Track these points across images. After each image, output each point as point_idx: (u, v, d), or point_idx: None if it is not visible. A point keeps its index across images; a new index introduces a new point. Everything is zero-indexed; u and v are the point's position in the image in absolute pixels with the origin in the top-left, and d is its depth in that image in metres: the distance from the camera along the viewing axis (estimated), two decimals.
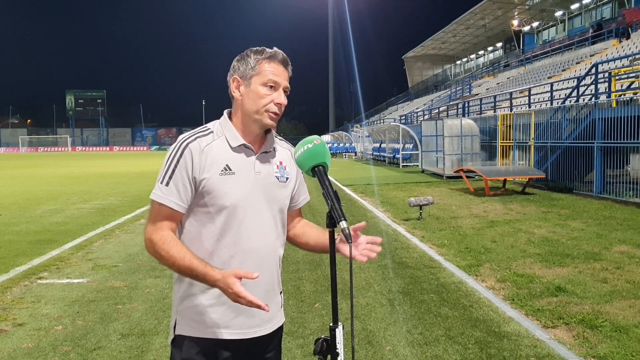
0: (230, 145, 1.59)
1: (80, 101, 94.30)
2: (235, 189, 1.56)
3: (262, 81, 1.57)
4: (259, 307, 1.42)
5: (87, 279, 5.49)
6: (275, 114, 1.59)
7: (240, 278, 1.42)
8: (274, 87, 1.58)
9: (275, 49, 1.62)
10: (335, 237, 1.50)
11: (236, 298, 1.43)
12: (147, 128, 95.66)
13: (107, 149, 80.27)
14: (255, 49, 1.62)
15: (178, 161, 1.55)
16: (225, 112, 1.67)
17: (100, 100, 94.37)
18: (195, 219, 1.59)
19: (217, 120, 1.67)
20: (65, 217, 9.73)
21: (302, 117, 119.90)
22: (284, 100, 1.60)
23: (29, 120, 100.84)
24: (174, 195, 1.55)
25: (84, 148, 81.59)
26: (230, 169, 1.57)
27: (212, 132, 1.62)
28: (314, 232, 1.78)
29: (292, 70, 1.65)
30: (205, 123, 1.71)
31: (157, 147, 79.91)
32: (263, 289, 1.61)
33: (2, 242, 7.38)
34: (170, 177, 1.55)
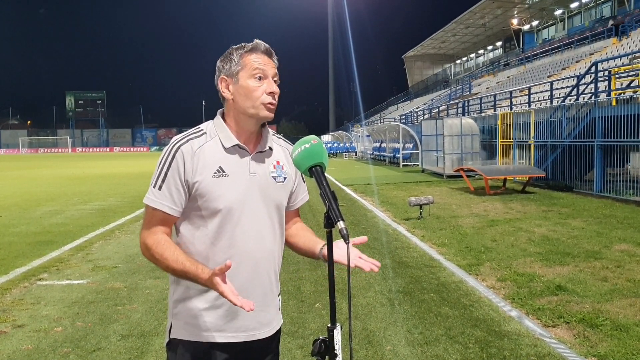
0: (223, 146, 1.56)
1: (80, 102, 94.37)
2: (230, 191, 1.53)
3: (249, 74, 1.54)
4: (241, 307, 1.38)
5: (86, 280, 5.48)
6: (270, 104, 1.56)
7: (219, 275, 1.37)
8: (262, 77, 1.54)
9: (256, 40, 1.58)
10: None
11: (223, 296, 1.40)
12: (147, 129, 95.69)
13: (107, 149, 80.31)
14: (236, 45, 1.59)
15: (170, 164, 1.53)
16: (219, 112, 1.64)
17: (100, 101, 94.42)
18: (190, 222, 1.57)
19: (211, 121, 1.64)
20: (65, 218, 9.72)
21: (302, 117, 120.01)
22: (276, 88, 1.56)
23: (29, 122, 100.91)
24: (167, 199, 1.52)
25: (84, 149, 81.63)
26: (223, 171, 1.54)
27: (205, 133, 1.58)
28: (306, 235, 1.72)
29: (279, 61, 1.60)
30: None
31: (158, 147, 79.89)
32: (260, 292, 1.58)
33: (2, 244, 7.38)
34: (163, 181, 1.53)
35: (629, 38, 24.96)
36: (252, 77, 1.53)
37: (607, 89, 13.59)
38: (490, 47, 54.02)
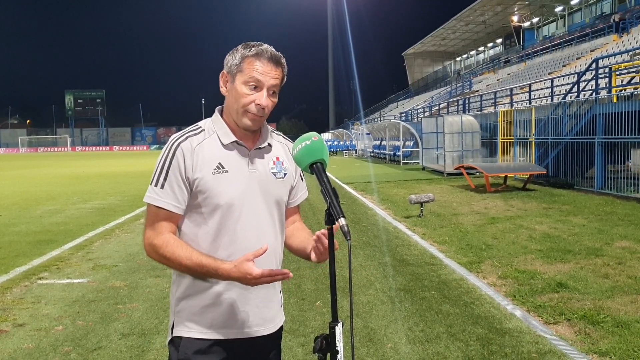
0: (222, 143, 1.56)
1: (79, 101, 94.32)
2: (230, 187, 1.53)
3: (244, 79, 1.51)
4: (283, 275, 1.42)
5: (87, 279, 5.48)
6: (256, 115, 1.53)
7: (252, 260, 1.41)
8: (257, 87, 1.51)
9: (264, 46, 1.54)
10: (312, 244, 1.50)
11: (256, 282, 1.42)
12: (146, 127, 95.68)
13: (107, 148, 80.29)
14: (245, 43, 1.56)
15: (171, 162, 1.52)
16: (217, 109, 1.64)
17: (100, 100, 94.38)
18: (191, 219, 1.57)
19: (209, 118, 1.63)
20: (65, 217, 9.72)
21: (302, 115, 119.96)
22: (265, 101, 1.52)
23: (28, 121, 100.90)
24: (170, 197, 1.52)
25: (83, 148, 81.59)
26: (223, 167, 1.54)
27: (203, 130, 1.58)
28: (301, 236, 1.70)
29: (287, 69, 1.57)
30: None
31: (157, 146, 79.83)
32: (262, 288, 1.57)
33: (2, 243, 7.38)
34: (165, 179, 1.52)
35: (629, 35, 24.91)
36: (246, 84, 1.51)
37: (607, 85, 13.57)
38: (490, 44, 53.93)
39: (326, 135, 52.43)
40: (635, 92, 11.50)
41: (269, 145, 1.63)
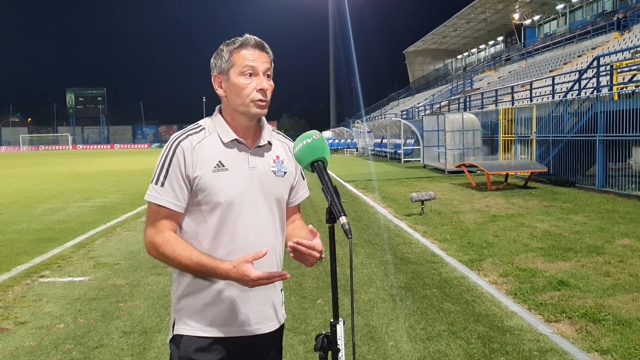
0: (222, 141, 1.57)
1: (80, 99, 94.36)
2: (230, 185, 1.54)
3: (239, 71, 1.53)
4: (281, 276, 1.45)
5: (88, 277, 5.49)
6: (261, 101, 1.55)
7: (252, 262, 1.43)
8: (252, 73, 1.54)
9: (246, 35, 1.57)
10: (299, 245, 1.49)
11: (254, 283, 1.44)
12: (148, 126, 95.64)
13: (108, 146, 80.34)
14: (227, 41, 1.58)
15: (171, 160, 1.53)
16: (217, 107, 1.65)
17: (101, 98, 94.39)
18: (191, 217, 1.57)
19: (209, 117, 1.64)
20: (66, 216, 9.73)
21: (303, 113, 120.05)
22: (266, 85, 1.55)
23: (29, 119, 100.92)
24: (170, 195, 1.53)
25: (84, 146, 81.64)
26: (223, 165, 1.54)
27: (203, 129, 1.59)
28: (299, 236, 1.67)
29: (272, 55, 1.60)
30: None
31: (158, 144, 79.82)
32: (262, 287, 1.57)
33: (4, 241, 7.39)
34: (165, 177, 1.53)
35: (631, 32, 24.85)
36: (242, 74, 1.53)
37: (609, 83, 13.54)
38: (491, 42, 53.85)
39: (327, 133, 52.41)
40: (637, 90, 11.47)
41: (269, 143, 1.64)
